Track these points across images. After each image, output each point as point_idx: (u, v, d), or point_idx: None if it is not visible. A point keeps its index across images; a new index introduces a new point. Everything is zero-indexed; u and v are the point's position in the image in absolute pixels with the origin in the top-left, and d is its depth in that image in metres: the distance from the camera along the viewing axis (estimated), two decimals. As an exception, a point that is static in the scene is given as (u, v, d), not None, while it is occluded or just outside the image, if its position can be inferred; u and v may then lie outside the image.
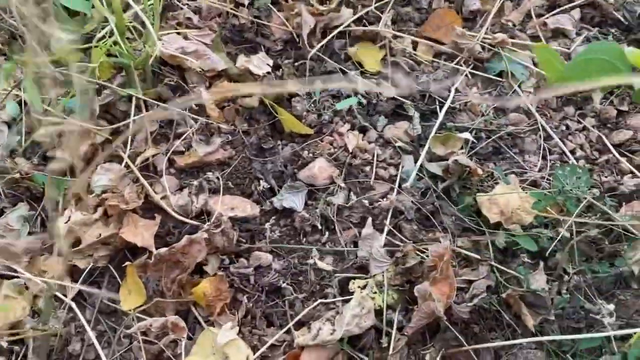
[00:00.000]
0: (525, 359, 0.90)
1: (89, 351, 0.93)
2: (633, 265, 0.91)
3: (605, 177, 1.10)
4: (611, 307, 0.86)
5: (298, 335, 0.88)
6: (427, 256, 0.92)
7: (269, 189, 1.06)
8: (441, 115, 1.13)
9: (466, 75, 1.21)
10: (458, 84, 1.18)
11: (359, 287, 0.94)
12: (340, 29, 1.20)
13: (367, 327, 0.89)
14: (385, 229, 1.01)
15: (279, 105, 1.15)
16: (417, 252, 0.95)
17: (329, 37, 1.19)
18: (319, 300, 0.92)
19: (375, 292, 0.94)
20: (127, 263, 0.94)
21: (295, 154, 1.10)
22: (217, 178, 1.04)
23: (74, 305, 0.94)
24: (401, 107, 1.16)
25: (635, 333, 0.82)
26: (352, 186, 1.08)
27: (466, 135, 1.08)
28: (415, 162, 1.09)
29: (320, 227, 1.02)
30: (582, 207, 0.98)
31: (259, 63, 1.17)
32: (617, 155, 1.13)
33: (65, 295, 0.94)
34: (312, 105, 1.15)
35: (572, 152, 1.13)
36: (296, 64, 1.19)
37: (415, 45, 1.24)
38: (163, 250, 0.91)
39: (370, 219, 1.01)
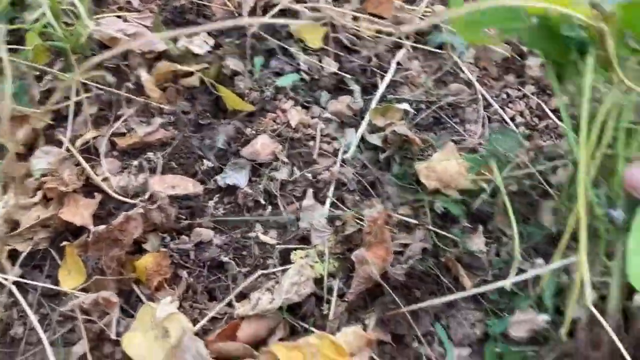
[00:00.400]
0: (464, 319, 0.92)
1: (31, 335, 0.92)
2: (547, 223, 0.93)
3: (544, 141, 1.12)
4: (540, 261, 0.88)
5: (238, 306, 0.89)
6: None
7: (213, 168, 1.07)
8: (382, 88, 1.14)
9: (407, 48, 1.22)
10: (399, 57, 1.20)
11: (300, 257, 0.95)
12: (280, 6, 1.20)
13: (307, 295, 0.90)
14: (328, 201, 1.02)
15: (221, 84, 1.15)
16: (357, 221, 0.96)
17: (269, 15, 1.20)
18: (260, 272, 0.93)
19: (316, 262, 0.94)
20: (65, 243, 0.93)
21: (239, 132, 1.10)
22: (158, 158, 1.04)
23: (14, 289, 0.94)
24: (343, 82, 1.17)
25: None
26: (295, 161, 1.08)
27: (405, 105, 1.09)
28: (358, 135, 1.10)
29: (263, 202, 1.03)
30: (519, 171, 1.00)
31: (200, 43, 1.17)
32: (555, 120, 1.15)
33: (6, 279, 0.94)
34: (255, 83, 1.15)
35: (512, 119, 1.15)
36: (237, 42, 1.19)
37: (357, 21, 1.25)
38: (101, 228, 0.91)
39: (310, 191, 1.02)
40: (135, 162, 1.03)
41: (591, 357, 0.72)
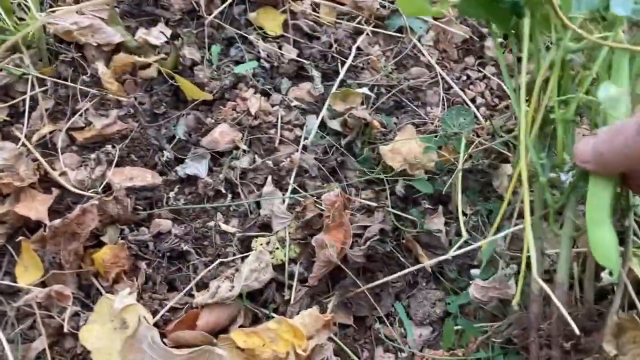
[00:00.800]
0: (424, 298, 0.92)
1: (-12, 332, 0.91)
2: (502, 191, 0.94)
3: (506, 121, 1.13)
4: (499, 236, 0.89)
5: (197, 295, 0.88)
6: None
7: (174, 158, 1.06)
8: (342, 73, 1.14)
9: (367, 33, 1.22)
10: (359, 42, 1.19)
11: (261, 244, 0.95)
12: (238, -5, 1.20)
13: (267, 281, 0.89)
14: (290, 188, 1.02)
15: (180, 74, 1.14)
16: (317, 206, 0.96)
17: (227, 3, 1.19)
18: (219, 260, 0.92)
19: (277, 248, 0.94)
20: (21, 238, 0.92)
21: (199, 122, 1.09)
22: (116, 150, 1.03)
23: (-29, 287, 0.92)
24: (303, 68, 1.16)
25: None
26: (256, 149, 1.08)
27: (364, 90, 1.09)
28: (319, 121, 1.10)
29: (224, 191, 1.03)
30: (472, 148, 1.01)
31: (158, 34, 1.16)
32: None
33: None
34: (214, 72, 1.15)
35: (473, 100, 1.16)
36: (195, 32, 1.18)
37: (316, 7, 1.25)
38: (57, 221, 0.90)
39: (270, 178, 1.01)
40: (93, 155, 1.02)
41: (543, 329, 0.73)
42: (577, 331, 0.60)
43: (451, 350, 0.86)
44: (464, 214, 1.00)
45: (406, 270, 0.86)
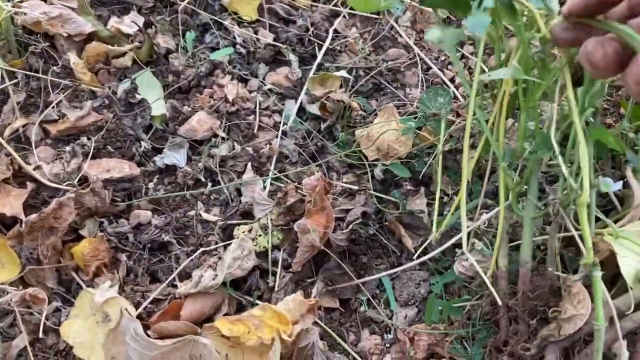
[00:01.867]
0: (409, 279, 0.92)
1: (-32, 331, 0.90)
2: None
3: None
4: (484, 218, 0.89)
5: (180, 285, 0.87)
6: (306, 193, 0.93)
7: (151, 149, 1.04)
8: (319, 56, 1.13)
9: (344, 16, 1.20)
10: (336, 24, 1.18)
11: (243, 232, 0.94)
12: (211, -21, 1.17)
13: (250, 269, 0.89)
14: (270, 174, 1.01)
15: (155, 63, 1.12)
16: (298, 191, 0.95)
17: (200, -12, 1.16)
18: (201, 249, 0.91)
19: (260, 235, 0.93)
20: (-7, 235, 0.90)
21: (175, 110, 1.07)
22: (92, 142, 1.01)
23: (-52, 286, 0.90)
24: (280, 53, 1.15)
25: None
26: (235, 136, 1.07)
27: (342, 73, 1.08)
28: (298, 106, 1.09)
29: (204, 179, 1.01)
30: (452, 128, 1.01)
31: (130, 23, 1.13)
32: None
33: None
34: (190, 59, 1.13)
35: (452, 80, 1.15)
36: (169, 19, 1.15)
37: (292, -10, 1.23)
38: (33, 216, 0.88)
39: (249, 164, 1.00)
40: (68, 148, 0.99)
41: (510, 305, 0.73)
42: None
43: (433, 324, 0.86)
44: (446, 194, 1.00)
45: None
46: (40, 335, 0.83)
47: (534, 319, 0.71)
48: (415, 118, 0.96)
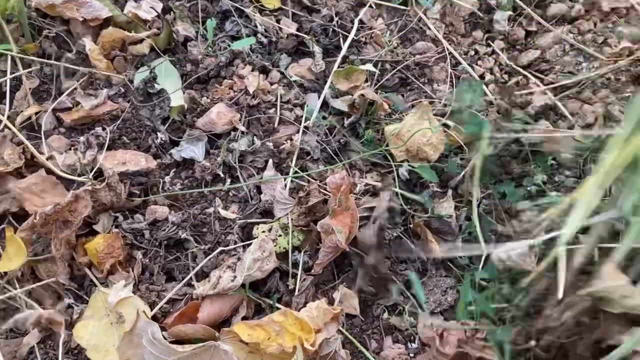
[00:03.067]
0: (435, 286, 0.88)
1: (-22, 325, 0.87)
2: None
3: (516, 98, 1.07)
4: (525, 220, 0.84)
5: (198, 286, 0.84)
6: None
7: (167, 141, 1.00)
8: (344, 48, 1.08)
9: (370, 5, 1.15)
10: (362, 15, 1.13)
11: (263, 231, 0.90)
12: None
13: (270, 271, 0.85)
14: (291, 171, 0.97)
15: (173, 51, 1.08)
16: (321, 191, 0.91)
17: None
18: (220, 248, 0.88)
19: (280, 235, 0.90)
20: (4, 226, 0.87)
21: (194, 101, 1.03)
22: (107, 133, 0.97)
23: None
24: (303, 43, 1.10)
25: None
26: (255, 130, 1.02)
27: (368, 66, 1.03)
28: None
29: (222, 175, 0.97)
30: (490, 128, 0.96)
31: (148, 8, 1.09)
32: (527, 74, 1.10)
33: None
34: (209, 48, 1.08)
35: (482, 76, 1.10)
36: (188, 5, 1.11)
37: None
38: (48, 208, 0.84)
39: (271, 161, 0.96)
40: (82, 138, 0.96)
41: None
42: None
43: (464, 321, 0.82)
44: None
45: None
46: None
47: None
48: (445, 116, 0.91)
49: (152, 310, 0.83)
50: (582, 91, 1.06)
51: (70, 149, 0.98)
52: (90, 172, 0.89)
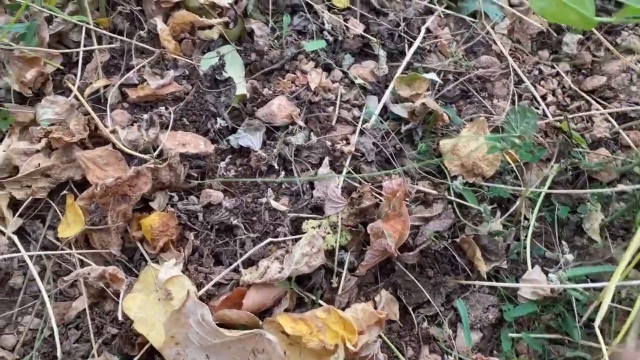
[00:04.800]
0: (477, 301, 0.88)
1: (30, 286, 0.90)
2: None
3: (575, 123, 1.06)
4: (570, 257, 0.84)
5: (245, 273, 0.85)
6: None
7: (226, 127, 1.02)
8: (409, 55, 1.08)
9: (439, 14, 1.15)
10: (429, 23, 1.13)
11: (312, 227, 0.91)
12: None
13: (317, 267, 0.86)
14: (344, 171, 0.98)
15: (239, 40, 1.09)
16: (374, 194, 0.92)
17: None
18: (269, 239, 0.89)
19: (328, 233, 0.91)
20: (65, 192, 0.90)
21: (255, 91, 1.05)
22: (170, 113, 0.99)
23: (15, 238, 0.91)
24: (368, 45, 1.10)
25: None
26: (313, 126, 1.03)
27: (432, 75, 1.03)
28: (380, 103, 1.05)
29: (277, 167, 0.99)
30: (543, 154, 0.95)
31: (223, -5, 1.11)
32: (590, 99, 1.08)
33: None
34: (276, 40, 1.09)
35: (544, 97, 1.09)
36: (259, -4, 1.12)
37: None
38: (109, 180, 0.87)
39: (327, 159, 0.97)
40: (146, 116, 0.98)
41: None
42: None
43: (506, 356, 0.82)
44: (526, 218, 0.95)
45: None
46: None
47: None
48: (501, 135, 0.90)
49: (198, 291, 0.85)
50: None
51: (132, 125, 1.00)
52: (155, 152, 0.91)
